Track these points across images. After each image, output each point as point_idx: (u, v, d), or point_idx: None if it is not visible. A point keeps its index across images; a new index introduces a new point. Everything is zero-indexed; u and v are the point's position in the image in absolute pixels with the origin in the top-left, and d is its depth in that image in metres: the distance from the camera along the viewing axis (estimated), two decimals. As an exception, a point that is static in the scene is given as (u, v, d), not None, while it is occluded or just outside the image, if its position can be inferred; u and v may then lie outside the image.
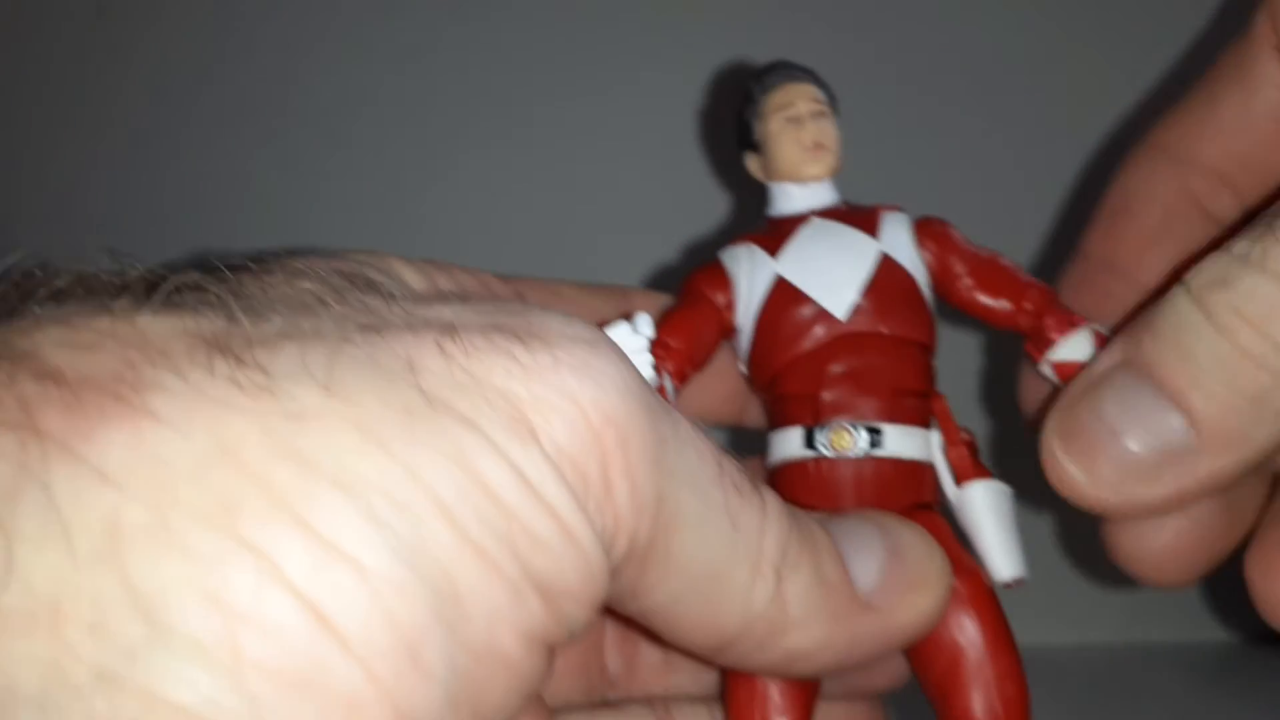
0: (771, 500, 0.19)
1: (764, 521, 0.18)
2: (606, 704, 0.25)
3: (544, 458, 0.15)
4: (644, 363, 0.21)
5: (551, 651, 0.16)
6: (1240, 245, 0.19)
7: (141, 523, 0.13)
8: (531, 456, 0.15)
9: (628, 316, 0.21)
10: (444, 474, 0.14)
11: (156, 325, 0.14)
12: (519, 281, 0.24)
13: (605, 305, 0.25)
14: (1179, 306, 0.19)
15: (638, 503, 0.16)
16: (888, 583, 0.20)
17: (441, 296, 0.17)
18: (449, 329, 0.15)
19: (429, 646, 0.14)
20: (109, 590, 0.13)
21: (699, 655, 0.19)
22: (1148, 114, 0.37)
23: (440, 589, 0.14)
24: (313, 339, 0.15)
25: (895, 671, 0.24)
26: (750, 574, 0.18)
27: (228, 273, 0.16)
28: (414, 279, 0.20)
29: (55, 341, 0.14)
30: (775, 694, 0.22)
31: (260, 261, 0.17)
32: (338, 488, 0.13)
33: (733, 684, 0.22)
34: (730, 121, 0.25)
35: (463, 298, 0.17)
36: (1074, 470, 0.20)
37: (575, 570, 0.15)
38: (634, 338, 0.21)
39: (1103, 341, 0.22)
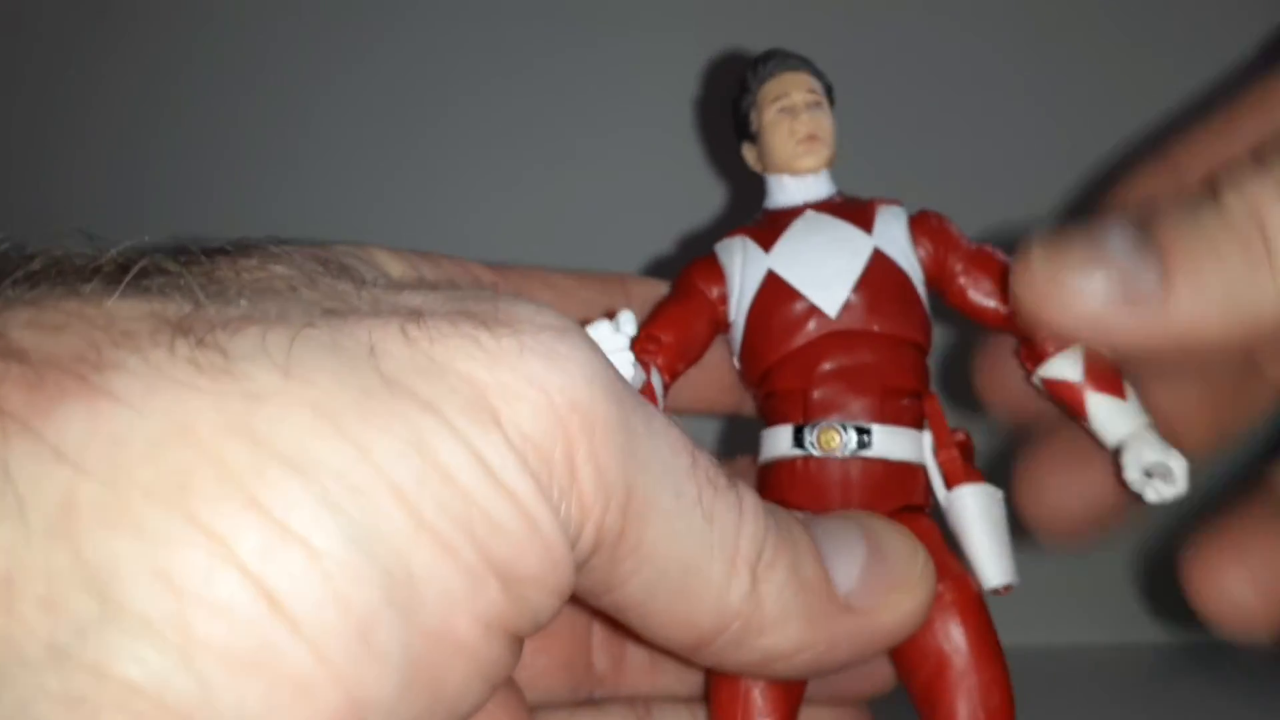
0: (749, 497, 0.18)
1: (740, 518, 0.18)
2: (590, 702, 0.25)
3: (505, 443, 0.15)
4: (625, 361, 0.21)
5: (516, 640, 0.16)
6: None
7: (96, 500, 0.13)
8: (492, 441, 0.15)
9: (610, 315, 0.21)
10: (399, 457, 0.14)
11: (123, 307, 0.15)
12: (510, 271, 0.24)
13: (601, 294, 0.25)
14: (1198, 197, 0.20)
15: (605, 490, 0.16)
16: (868, 584, 0.19)
17: (414, 284, 0.17)
18: (415, 314, 0.15)
19: (381, 629, 0.14)
20: (62, 566, 0.13)
21: (678, 654, 0.19)
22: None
23: (393, 572, 0.14)
24: (276, 322, 0.15)
25: (881, 677, 0.24)
26: (725, 570, 0.18)
27: (202, 257, 0.16)
28: (396, 268, 0.20)
29: (22, 322, 0.14)
30: (758, 696, 0.22)
31: (238, 246, 0.17)
32: (290, 468, 0.13)
33: (716, 685, 0.22)
34: (727, 111, 0.24)
35: (435, 285, 0.17)
36: (1044, 270, 0.20)
37: (536, 556, 0.15)
38: (615, 336, 0.21)
39: (1094, 359, 0.22)
